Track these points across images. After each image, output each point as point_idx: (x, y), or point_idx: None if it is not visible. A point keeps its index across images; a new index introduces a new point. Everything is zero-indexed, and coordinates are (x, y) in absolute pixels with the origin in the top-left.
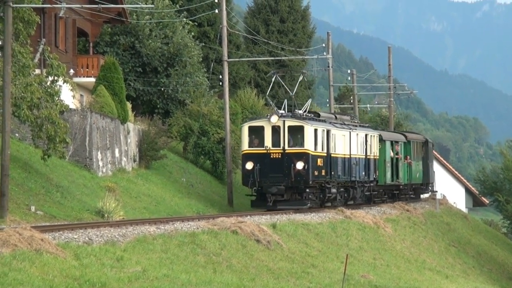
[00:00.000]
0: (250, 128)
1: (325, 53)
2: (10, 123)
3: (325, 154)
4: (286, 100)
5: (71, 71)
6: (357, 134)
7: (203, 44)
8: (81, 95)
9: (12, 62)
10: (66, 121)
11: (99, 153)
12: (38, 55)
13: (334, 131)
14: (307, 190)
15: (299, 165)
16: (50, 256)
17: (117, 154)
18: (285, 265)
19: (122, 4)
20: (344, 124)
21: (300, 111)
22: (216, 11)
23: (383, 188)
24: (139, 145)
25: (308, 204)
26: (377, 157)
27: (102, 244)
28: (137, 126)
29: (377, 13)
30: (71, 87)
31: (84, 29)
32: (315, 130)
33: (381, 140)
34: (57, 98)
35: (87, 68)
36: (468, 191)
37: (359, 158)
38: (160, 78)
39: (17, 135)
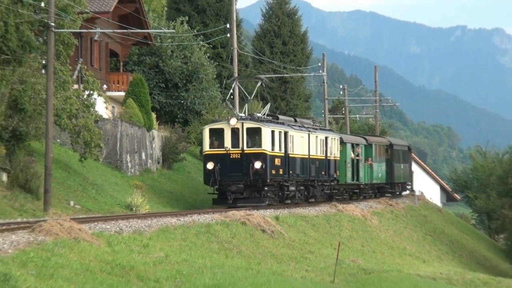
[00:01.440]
0: (211, 130)
1: (320, 71)
2: (52, 130)
3: (283, 154)
4: (246, 105)
5: (104, 86)
6: (317, 136)
7: (217, 63)
8: (113, 106)
9: (54, 79)
10: (100, 129)
11: (128, 156)
12: (76, 72)
13: (292, 132)
14: (266, 188)
15: (257, 164)
16: (87, 243)
17: (143, 157)
18: (287, 251)
19: (148, 29)
20: (303, 126)
21: (259, 114)
22: (228, 35)
23: (344, 187)
24: (162, 149)
25: (267, 202)
26: (338, 158)
27: (131, 233)
28: (161, 133)
29: (365, 37)
30: (104, 100)
31: (115, 50)
32: (272, 132)
33: (342, 143)
34: (92, 109)
35: (118, 83)
36: (442, 188)
37: (318, 158)
38: (180, 92)
39: (58, 140)
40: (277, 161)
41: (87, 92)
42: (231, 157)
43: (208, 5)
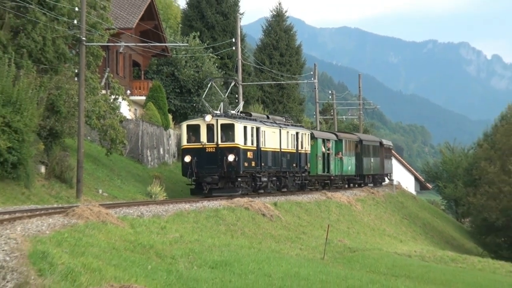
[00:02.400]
0: (188, 126)
1: (312, 79)
2: (84, 129)
3: (255, 148)
4: (222, 103)
5: (128, 91)
6: (288, 131)
7: (224, 72)
8: (135, 109)
9: (85, 85)
10: (124, 128)
11: (148, 151)
12: (104, 80)
13: (263, 128)
14: (239, 179)
15: (231, 157)
16: (113, 225)
17: (161, 152)
18: (283, 232)
19: (165, 42)
20: (275, 123)
21: (233, 112)
22: (233, 48)
23: (315, 178)
24: (177, 145)
25: (240, 191)
26: (309, 152)
27: (151, 217)
28: (176, 132)
29: (351, 49)
30: (128, 103)
31: (137, 61)
32: (245, 127)
33: (313, 138)
34: (117, 111)
35: (140, 89)
36: (416, 179)
37: (289, 152)
38: (192, 97)
39: (88, 138)
40: (250, 154)
41: (113, 97)
42: (207, 150)
43: (217, 22)
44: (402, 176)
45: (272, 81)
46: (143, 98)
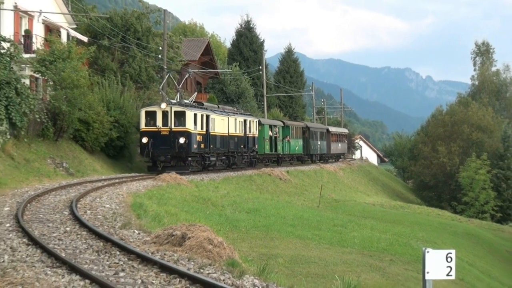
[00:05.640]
0: (146, 112)
1: (311, 92)
2: None
3: (205, 132)
4: (178, 93)
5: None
6: (236, 119)
7: (254, 88)
8: None
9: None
10: None
11: None
12: (178, 93)
13: (213, 115)
14: (189, 158)
15: (182, 140)
16: (184, 186)
17: None
18: (293, 190)
19: (217, 69)
20: (224, 111)
21: (187, 101)
22: (260, 72)
23: (263, 156)
24: None
25: (190, 169)
26: (256, 135)
27: (208, 180)
28: None
29: (335, 73)
30: None
31: (199, 81)
32: (195, 114)
33: (261, 124)
34: None
35: (201, 99)
36: (378, 155)
37: (237, 135)
38: (235, 104)
39: None
40: (199, 138)
41: None
42: (161, 133)
43: (250, 56)
44: (368, 153)
45: (285, 94)
46: None
